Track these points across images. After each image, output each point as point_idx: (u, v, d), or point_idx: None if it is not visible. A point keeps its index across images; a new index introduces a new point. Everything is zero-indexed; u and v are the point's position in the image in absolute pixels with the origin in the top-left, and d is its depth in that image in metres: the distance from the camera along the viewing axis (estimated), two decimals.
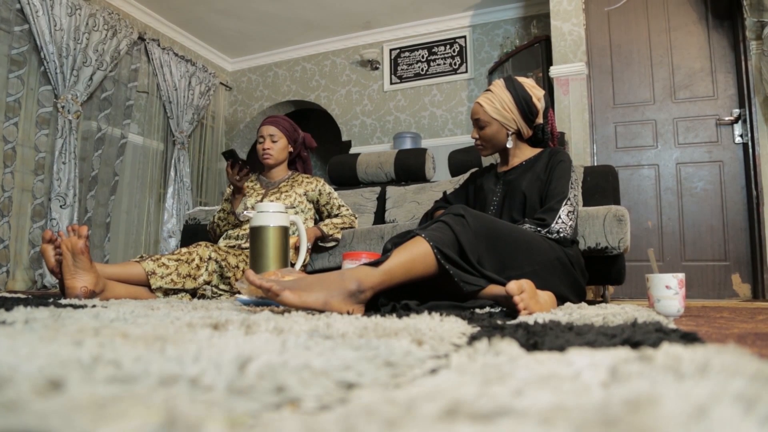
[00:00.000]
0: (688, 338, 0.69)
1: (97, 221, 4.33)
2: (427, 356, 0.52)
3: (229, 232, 2.46)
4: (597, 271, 2.32)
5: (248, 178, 2.25)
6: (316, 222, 2.64)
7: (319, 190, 2.56)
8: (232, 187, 2.37)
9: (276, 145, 2.51)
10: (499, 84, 1.93)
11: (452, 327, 0.88)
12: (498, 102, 1.89)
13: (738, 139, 3.40)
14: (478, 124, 1.95)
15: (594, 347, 0.60)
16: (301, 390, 0.32)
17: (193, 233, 3.16)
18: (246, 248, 2.34)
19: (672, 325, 0.95)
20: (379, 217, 3.23)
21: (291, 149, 2.57)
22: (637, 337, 0.65)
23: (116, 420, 0.22)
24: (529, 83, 1.93)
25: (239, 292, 2.13)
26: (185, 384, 0.31)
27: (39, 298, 1.69)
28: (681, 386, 0.30)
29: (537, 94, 1.93)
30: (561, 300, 1.65)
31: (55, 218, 3.91)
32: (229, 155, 2.23)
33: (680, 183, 3.51)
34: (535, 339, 0.67)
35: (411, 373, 0.44)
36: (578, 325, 0.88)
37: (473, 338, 0.70)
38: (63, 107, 4.00)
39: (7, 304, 1.21)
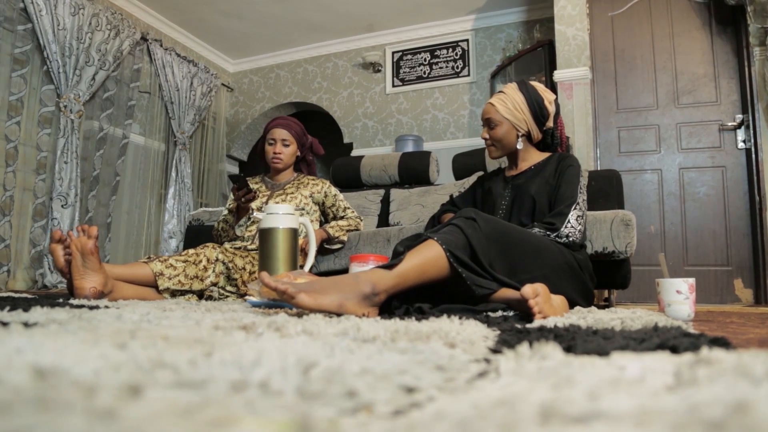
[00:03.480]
0: (718, 343, 0.69)
1: (98, 221, 4.31)
2: (469, 360, 0.52)
3: (236, 232, 2.46)
4: (603, 276, 2.32)
5: (254, 200, 2.24)
6: (321, 224, 2.63)
7: (325, 192, 2.55)
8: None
9: (287, 150, 2.48)
10: (512, 86, 1.94)
11: (474, 330, 0.88)
12: (510, 102, 1.91)
13: (741, 145, 3.41)
14: (489, 123, 1.95)
15: (632, 351, 0.60)
16: (371, 394, 0.32)
17: (196, 234, 3.15)
18: (252, 250, 2.33)
19: (692, 330, 0.95)
20: (383, 220, 3.23)
21: (299, 153, 2.56)
22: (672, 341, 0.64)
23: (230, 429, 0.21)
24: (541, 87, 1.95)
25: (246, 294, 2.12)
26: (256, 389, 0.30)
27: (47, 298, 1.68)
28: (762, 390, 0.30)
29: (549, 97, 1.95)
30: (570, 304, 1.65)
31: (57, 218, 3.90)
32: (236, 180, 2.19)
33: (683, 188, 3.52)
34: (568, 343, 0.66)
35: (461, 377, 0.44)
36: (601, 329, 0.88)
37: (504, 342, 0.70)
38: (65, 107, 3.99)
39: (21, 304, 1.20)
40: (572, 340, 0.71)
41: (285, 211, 1.83)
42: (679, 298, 1.58)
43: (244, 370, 0.35)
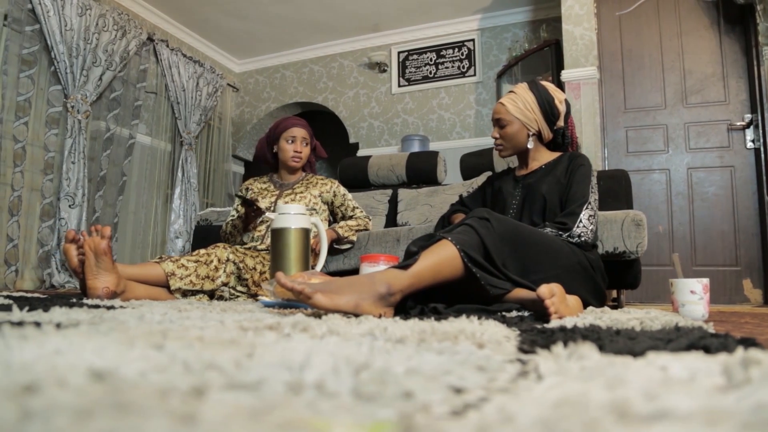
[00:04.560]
0: (747, 343, 0.69)
1: (105, 221, 4.32)
2: (505, 360, 0.52)
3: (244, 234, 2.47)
4: (613, 276, 2.32)
5: (260, 217, 2.31)
6: (329, 223, 2.63)
7: (334, 192, 2.55)
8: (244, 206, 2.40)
9: (306, 149, 2.50)
10: (522, 86, 1.95)
11: (496, 330, 0.87)
12: (521, 102, 1.91)
13: (750, 145, 3.40)
14: (499, 123, 1.95)
15: (662, 351, 0.59)
16: (426, 395, 0.31)
17: (204, 234, 3.15)
18: (262, 250, 2.33)
19: (712, 330, 0.95)
20: (391, 220, 3.23)
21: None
22: (703, 342, 0.64)
23: None
24: (552, 86, 1.95)
25: (256, 294, 2.12)
26: (312, 391, 0.30)
27: (60, 298, 1.69)
28: None
29: (559, 96, 1.95)
30: (583, 304, 1.65)
31: (64, 218, 3.91)
32: (247, 203, 2.26)
33: (691, 188, 3.51)
34: (595, 343, 0.66)
35: (501, 377, 0.44)
36: (623, 330, 0.88)
37: (532, 342, 0.69)
38: (72, 107, 3.99)
39: (38, 304, 1.20)
40: (598, 340, 0.71)
41: (297, 211, 1.83)
42: (693, 299, 1.58)
43: (293, 372, 0.35)
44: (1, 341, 0.46)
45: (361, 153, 5.40)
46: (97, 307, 1.21)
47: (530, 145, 1.96)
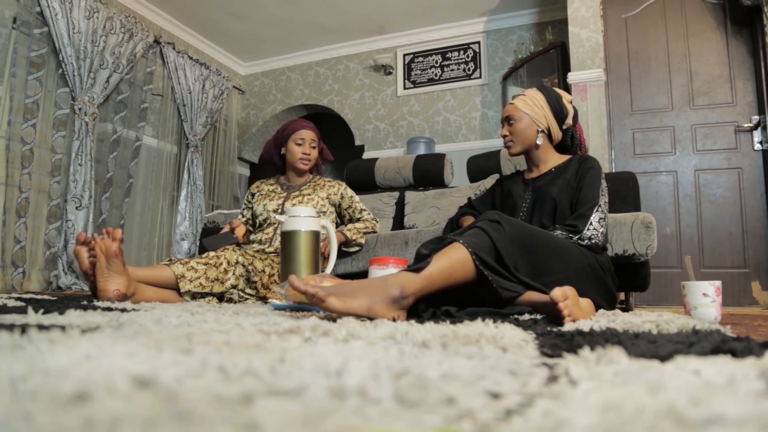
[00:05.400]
0: None
1: (111, 223, 4.33)
2: (532, 364, 0.52)
3: (252, 236, 2.47)
4: (622, 278, 2.31)
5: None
6: (336, 225, 2.63)
7: (341, 194, 2.55)
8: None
9: (314, 152, 2.50)
10: (531, 89, 1.98)
11: (513, 334, 0.87)
12: (530, 100, 1.95)
13: (757, 146, 3.39)
14: (509, 120, 1.98)
15: (688, 355, 0.59)
16: (468, 401, 0.31)
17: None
18: (270, 253, 2.33)
19: (731, 333, 0.95)
20: (398, 222, 3.23)
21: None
22: (728, 345, 0.64)
23: None
24: (559, 89, 1.98)
25: (265, 297, 2.12)
26: (356, 397, 0.30)
27: (71, 300, 1.69)
28: None
29: (567, 97, 1.97)
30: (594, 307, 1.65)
31: (71, 220, 3.92)
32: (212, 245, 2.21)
33: (699, 190, 3.50)
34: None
35: (534, 382, 0.44)
36: (642, 333, 0.88)
37: (554, 346, 0.69)
38: (80, 109, 4.01)
39: (51, 306, 1.20)
40: (619, 344, 0.71)
41: (307, 214, 1.83)
42: (706, 301, 1.57)
43: (330, 377, 0.35)
44: (31, 346, 0.47)
45: (366, 155, 5.40)
46: (110, 309, 1.21)
47: (540, 141, 1.96)
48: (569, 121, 1.98)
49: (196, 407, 0.24)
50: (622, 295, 2.95)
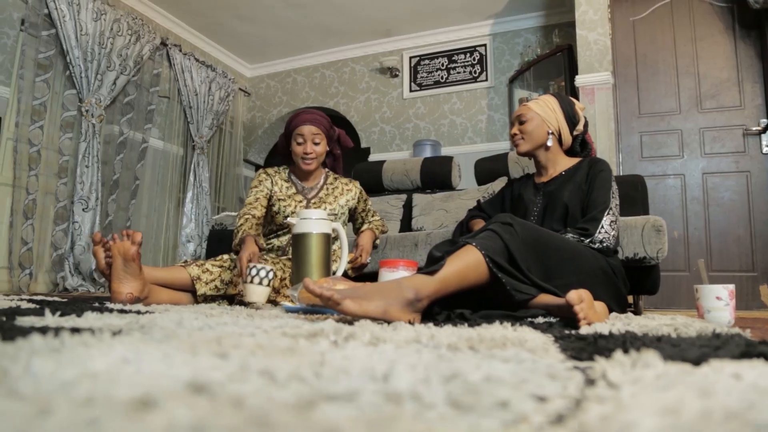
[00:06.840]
0: None
1: (117, 225, 4.33)
2: (566, 368, 0.52)
3: (270, 240, 2.40)
4: (633, 281, 2.31)
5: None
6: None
7: (357, 198, 2.45)
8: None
9: (318, 148, 2.25)
10: (546, 94, 2.00)
11: (533, 337, 0.87)
12: (543, 102, 1.98)
13: (765, 150, 3.37)
14: (519, 119, 1.99)
15: (717, 359, 0.59)
16: (519, 405, 0.31)
17: (219, 238, 3.16)
18: (282, 256, 2.32)
19: (750, 336, 0.94)
20: (406, 225, 3.22)
21: (327, 149, 2.35)
22: (758, 349, 0.64)
23: None
24: (572, 98, 2.02)
25: (275, 301, 2.12)
26: (411, 401, 0.30)
27: (83, 302, 1.69)
28: None
29: (579, 104, 1.97)
30: None
31: (78, 221, 3.92)
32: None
33: (706, 193, 3.49)
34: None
35: (572, 385, 0.43)
36: (663, 336, 0.87)
37: (580, 350, 0.69)
38: (87, 111, 4.02)
39: (67, 309, 1.21)
40: (644, 347, 0.70)
41: (318, 216, 1.83)
42: (719, 305, 1.57)
43: (377, 381, 0.35)
44: (67, 350, 0.47)
45: (372, 158, 5.40)
46: (125, 311, 1.21)
47: (549, 143, 1.96)
48: (580, 127, 1.99)
49: (274, 416, 0.24)
50: (631, 298, 2.94)
